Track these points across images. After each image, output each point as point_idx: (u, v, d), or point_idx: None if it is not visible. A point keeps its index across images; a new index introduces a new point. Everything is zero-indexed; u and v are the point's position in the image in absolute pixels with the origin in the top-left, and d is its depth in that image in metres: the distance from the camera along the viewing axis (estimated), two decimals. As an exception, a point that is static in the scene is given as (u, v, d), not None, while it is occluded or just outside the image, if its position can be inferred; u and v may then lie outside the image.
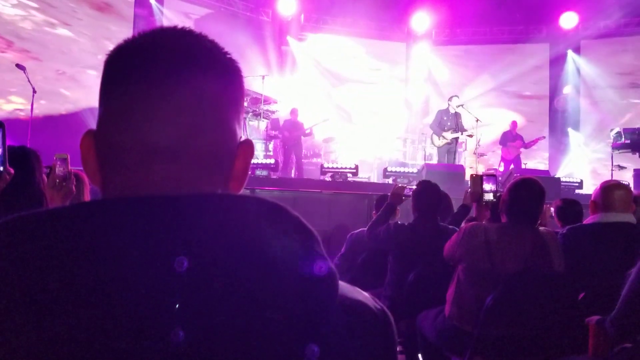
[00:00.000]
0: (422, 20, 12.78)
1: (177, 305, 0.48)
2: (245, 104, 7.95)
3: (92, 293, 0.48)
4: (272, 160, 7.61)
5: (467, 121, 8.94)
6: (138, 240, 0.51)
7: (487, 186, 3.35)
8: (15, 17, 9.09)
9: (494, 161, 10.57)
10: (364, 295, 0.63)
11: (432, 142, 9.11)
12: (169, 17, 10.96)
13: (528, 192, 2.50)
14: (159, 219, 0.52)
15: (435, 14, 12.53)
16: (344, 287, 0.60)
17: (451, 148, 8.79)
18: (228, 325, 0.49)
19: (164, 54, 0.60)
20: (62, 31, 9.47)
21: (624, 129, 8.70)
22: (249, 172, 0.67)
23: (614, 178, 8.56)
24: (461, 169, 8.39)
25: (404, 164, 10.01)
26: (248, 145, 0.66)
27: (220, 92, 0.62)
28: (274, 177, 7.49)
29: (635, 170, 9.19)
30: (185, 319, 0.48)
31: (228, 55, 0.66)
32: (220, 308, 0.49)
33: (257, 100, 8.21)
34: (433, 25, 12.99)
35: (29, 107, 7.00)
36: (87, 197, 2.51)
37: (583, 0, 11.31)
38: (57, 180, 1.92)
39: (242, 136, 0.67)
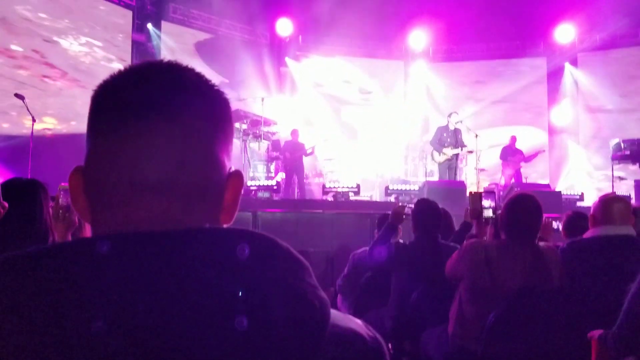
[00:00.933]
0: (419, 38, 12.92)
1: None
2: (245, 126, 8.03)
3: (78, 338, 0.48)
4: (274, 182, 7.64)
5: (466, 137, 8.99)
6: (127, 278, 0.51)
7: (487, 202, 3.37)
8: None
9: (496, 176, 10.58)
10: (356, 324, 0.63)
11: (433, 159, 9.14)
12: (166, 42, 11.10)
13: (524, 208, 2.52)
14: (148, 255, 0.53)
15: (432, 32, 12.66)
16: (336, 315, 0.60)
17: (452, 164, 8.82)
18: None
19: (150, 89, 0.61)
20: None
21: (624, 140, 8.70)
22: (239, 203, 0.67)
23: (614, 189, 8.57)
24: (462, 185, 8.41)
25: (405, 182, 10.04)
26: (237, 177, 0.66)
27: (208, 125, 0.63)
28: (276, 198, 7.51)
29: (635, 181, 9.19)
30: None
31: (215, 87, 0.66)
32: (201, 343, 0.50)
33: (257, 122, 8.27)
34: (430, 43, 13.13)
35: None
36: (88, 229, 2.52)
37: (578, 13, 11.43)
38: (60, 211, 1.94)
39: (232, 167, 0.67)
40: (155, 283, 0.51)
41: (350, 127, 12.80)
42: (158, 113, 0.60)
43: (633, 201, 8.05)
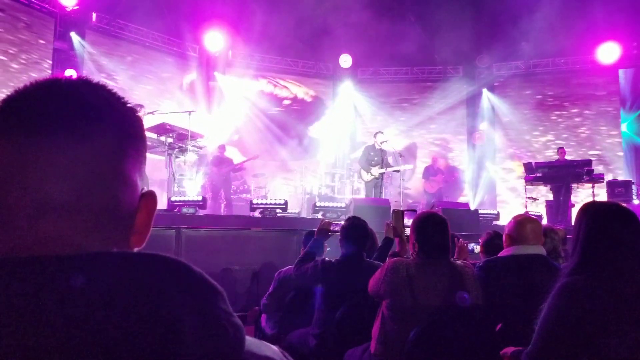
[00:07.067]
0: (347, 59, 13.22)
1: None
2: (171, 140, 7.82)
3: None
4: (200, 197, 7.47)
5: (391, 156, 9.24)
6: (18, 303, 0.49)
7: (409, 221, 3.46)
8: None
9: (418, 195, 10.94)
10: (272, 351, 0.63)
11: (361, 177, 9.31)
12: (90, 52, 10.67)
13: (431, 226, 2.61)
14: (41, 281, 0.50)
15: (360, 54, 13.02)
16: (251, 342, 0.60)
17: (378, 182, 9.03)
18: None
19: (57, 105, 0.58)
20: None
21: (536, 163, 9.27)
22: (151, 226, 0.65)
23: (527, 210, 9.09)
24: (387, 203, 8.60)
25: (332, 199, 10.14)
26: (150, 198, 0.64)
27: (118, 144, 0.61)
28: (202, 214, 7.35)
29: (547, 202, 9.81)
30: None
31: (127, 105, 0.64)
32: None
33: (183, 136, 8.07)
34: (358, 64, 13.48)
35: None
36: None
37: (496, 42, 12.15)
38: None
39: (145, 187, 0.65)
40: (27, 311, 0.49)
41: (277, 142, 12.80)
42: (64, 131, 0.57)
43: (544, 221, 8.57)
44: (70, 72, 9.69)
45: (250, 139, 12.05)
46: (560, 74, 13.06)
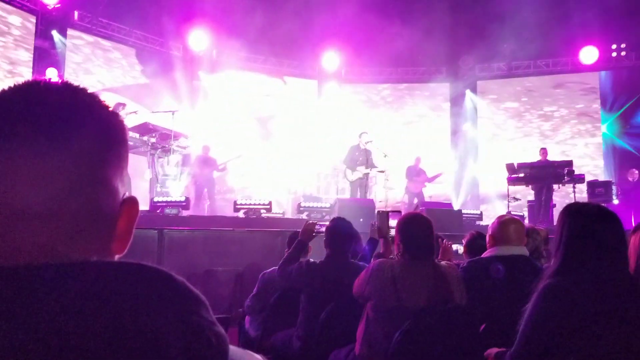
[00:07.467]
0: (332, 59, 13.23)
1: None
2: (154, 140, 7.75)
3: None
4: (183, 198, 7.42)
5: (376, 156, 9.26)
6: None
7: (393, 222, 3.46)
8: None
9: (402, 195, 10.98)
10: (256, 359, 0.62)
11: (346, 177, 9.32)
12: (72, 50, 10.52)
13: (415, 227, 2.62)
14: (17, 291, 0.49)
15: (345, 54, 13.04)
16: (235, 351, 0.59)
17: (363, 182, 9.05)
18: None
19: (36, 110, 0.57)
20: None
21: (519, 164, 9.35)
22: (133, 232, 0.64)
23: (509, 209, 9.18)
24: (371, 203, 8.63)
25: (317, 199, 10.14)
26: (132, 204, 0.63)
27: (100, 149, 0.60)
28: (185, 215, 7.29)
29: (529, 201, 9.91)
30: None
31: (108, 109, 0.63)
32: None
33: (166, 136, 8.00)
34: (342, 64, 13.50)
35: None
36: None
37: (478, 44, 12.26)
38: None
39: (127, 193, 0.64)
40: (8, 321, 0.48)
41: (262, 142, 12.76)
42: (44, 136, 0.56)
43: (526, 221, 8.66)
44: (51, 71, 9.56)
45: (234, 138, 11.97)
46: (541, 75, 13.24)
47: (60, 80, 0.62)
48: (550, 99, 13.28)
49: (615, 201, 9.72)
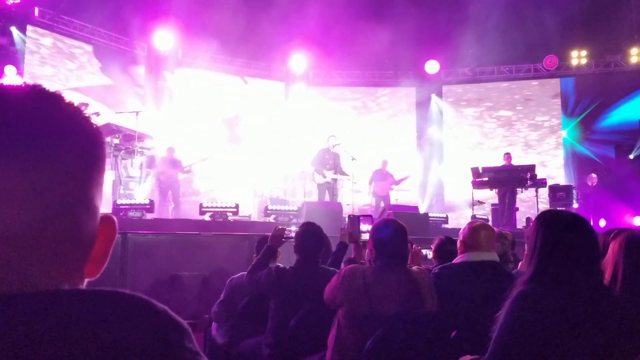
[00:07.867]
0: (299, 61, 13.20)
1: None
2: (117, 141, 7.56)
3: None
4: (147, 201, 7.24)
5: (344, 159, 9.26)
6: None
7: (364, 227, 3.45)
8: None
9: (369, 198, 11.01)
10: None
11: (314, 179, 9.27)
12: (31, 48, 10.17)
13: (389, 233, 2.60)
14: None
15: (312, 57, 13.03)
16: None
17: (331, 185, 9.03)
18: None
19: (15, 122, 0.51)
20: None
21: (483, 168, 9.50)
22: (110, 255, 0.59)
23: (474, 212, 9.31)
24: (339, 206, 8.61)
25: (284, 202, 10.07)
26: (109, 223, 0.58)
27: (84, 166, 0.54)
28: (149, 218, 7.12)
29: (492, 205, 10.09)
30: None
31: (91, 121, 0.58)
32: None
33: (130, 137, 7.81)
34: (310, 67, 13.48)
35: None
36: None
37: (444, 49, 12.46)
38: None
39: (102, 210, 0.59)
40: None
41: (228, 144, 12.61)
42: (26, 153, 0.50)
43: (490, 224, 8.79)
44: (9, 68, 9.23)
45: (200, 139, 11.79)
46: (505, 81, 13.56)
47: (29, 83, 0.55)
48: (513, 104, 13.63)
49: (576, 205, 9.99)
